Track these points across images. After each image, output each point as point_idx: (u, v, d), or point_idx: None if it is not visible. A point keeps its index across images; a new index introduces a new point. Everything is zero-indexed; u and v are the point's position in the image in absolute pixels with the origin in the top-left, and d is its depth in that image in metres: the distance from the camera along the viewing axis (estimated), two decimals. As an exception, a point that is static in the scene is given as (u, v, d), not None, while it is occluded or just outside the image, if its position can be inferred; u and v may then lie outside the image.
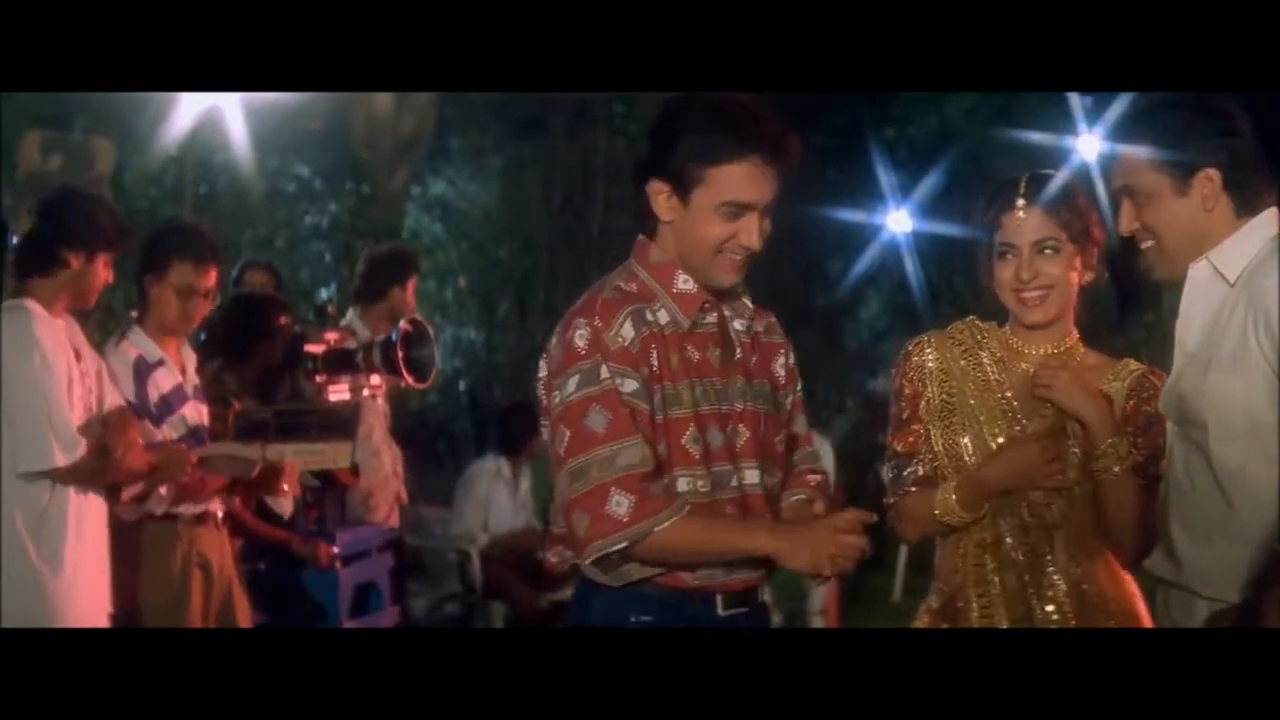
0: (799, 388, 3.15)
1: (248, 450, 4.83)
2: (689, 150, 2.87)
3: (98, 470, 4.28)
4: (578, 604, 2.98)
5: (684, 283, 2.93)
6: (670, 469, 2.87)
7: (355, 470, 5.45)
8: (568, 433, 2.83)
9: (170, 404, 4.75)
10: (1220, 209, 2.95)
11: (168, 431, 4.72)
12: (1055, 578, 3.10)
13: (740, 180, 2.87)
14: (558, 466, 2.86)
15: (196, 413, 4.85)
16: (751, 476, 2.97)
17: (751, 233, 2.90)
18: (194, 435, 4.78)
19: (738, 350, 2.99)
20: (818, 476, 3.14)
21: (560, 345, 2.88)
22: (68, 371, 4.25)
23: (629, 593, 2.88)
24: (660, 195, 2.91)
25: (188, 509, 4.73)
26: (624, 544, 2.80)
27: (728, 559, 2.89)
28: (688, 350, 2.92)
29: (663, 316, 2.91)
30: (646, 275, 2.95)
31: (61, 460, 4.19)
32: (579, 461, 2.82)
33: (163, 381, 4.76)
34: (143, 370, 4.70)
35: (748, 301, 3.05)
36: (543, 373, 2.94)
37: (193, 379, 4.88)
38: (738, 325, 3.01)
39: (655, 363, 2.86)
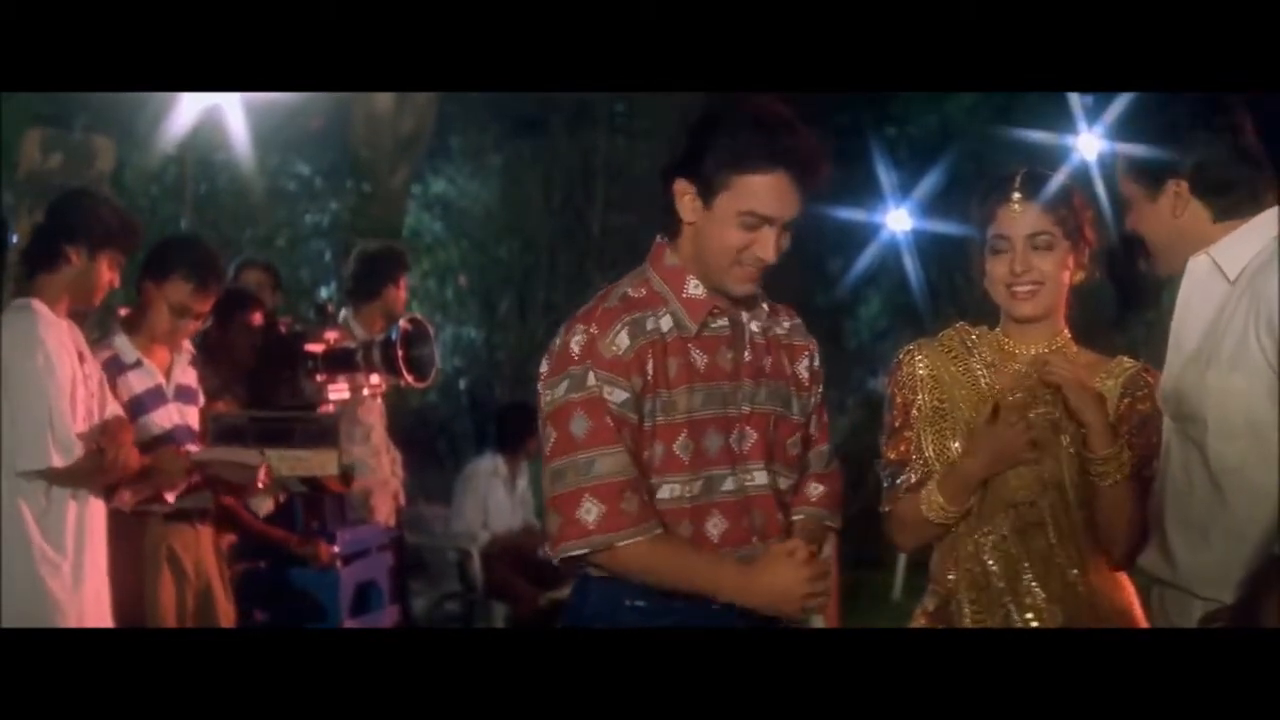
0: (820, 389, 3.15)
1: (248, 455, 4.82)
2: (719, 155, 2.89)
3: (93, 472, 4.27)
4: (576, 594, 3.02)
5: (694, 288, 2.95)
6: (658, 474, 2.90)
7: (345, 478, 5.42)
8: (553, 434, 2.89)
9: (143, 405, 4.75)
10: (1191, 215, 2.99)
11: (137, 431, 4.73)
12: (1033, 585, 3.10)
13: (764, 192, 2.89)
14: (545, 465, 2.93)
15: (180, 415, 4.84)
16: (759, 478, 2.98)
17: (768, 246, 2.92)
18: (168, 438, 4.78)
19: (747, 353, 3.00)
20: (821, 488, 3.13)
21: (559, 347, 2.92)
22: (71, 374, 4.25)
23: (622, 581, 2.90)
24: (685, 196, 2.93)
25: (159, 506, 4.73)
26: (585, 550, 2.86)
27: (685, 592, 2.89)
28: (692, 355, 2.93)
29: (666, 323, 2.92)
30: (658, 280, 2.97)
31: (58, 461, 4.19)
32: (559, 463, 2.88)
33: (136, 383, 4.75)
34: (113, 370, 4.70)
35: (765, 305, 3.05)
36: (544, 370, 2.97)
37: (178, 380, 4.87)
38: (754, 327, 3.02)
39: (651, 370, 2.88)
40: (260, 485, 4.90)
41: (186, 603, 4.81)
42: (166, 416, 4.80)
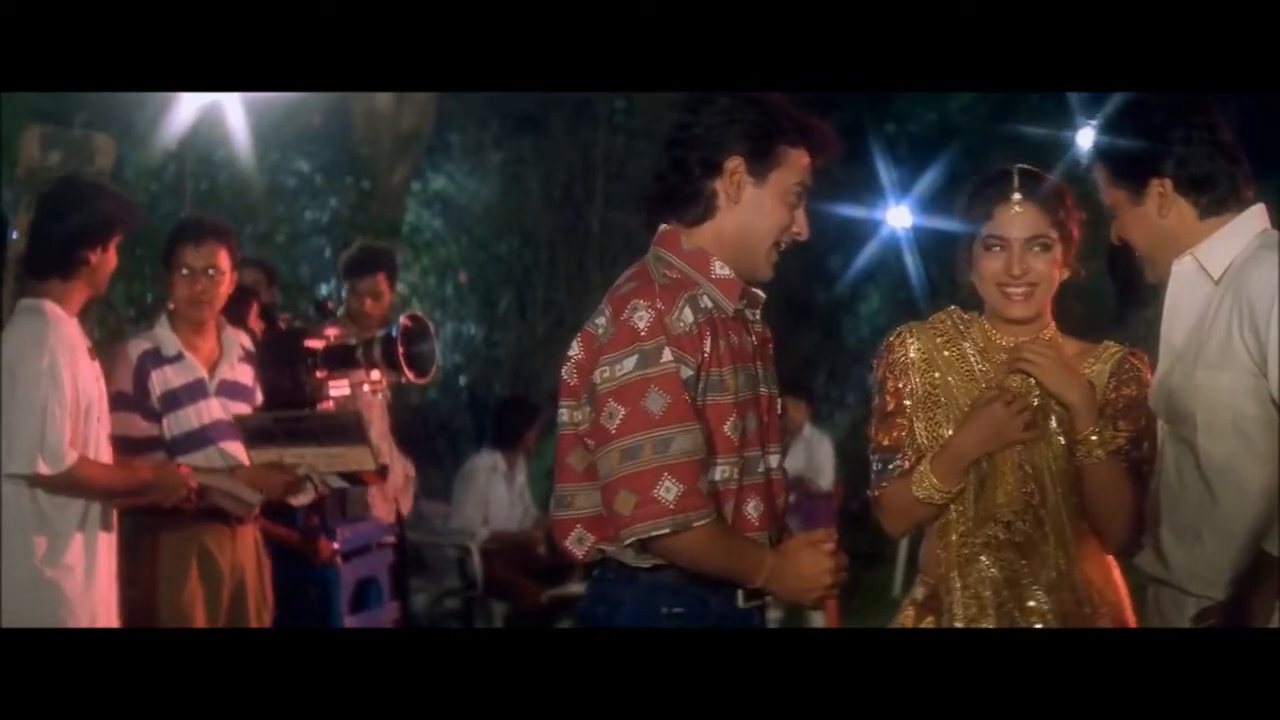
0: None
1: (247, 492, 4.80)
2: (770, 130, 2.90)
3: (79, 484, 4.26)
4: (602, 594, 2.94)
5: (721, 269, 2.94)
6: (711, 455, 2.86)
7: (383, 471, 5.41)
8: (622, 410, 2.79)
9: (177, 399, 4.74)
10: (1177, 213, 3.00)
11: (168, 425, 4.72)
12: (1034, 587, 3.10)
13: (806, 164, 2.95)
14: (604, 444, 2.82)
15: (223, 410, 4.82)
16: (774, 460, 3.01)
17: (804, 223, 2.97)
18: (201, 434, 4.77)
19: (753, 337, 3.01)
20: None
21: (614, 325, 2.84)
22: (83, 373, 4.24)
23: (659, 585, 2.88)
24: (737, 174, 2.91)
25: (187, 505, 4.72)
26: (664, 531, 2.78)
27: (724, 577, 2.89)
28: (730, 335, 2.92)
29: (706, 302, 2.90)
30: (681, 262, 2.93)
31: (44, 469, 4.17)
32: (633, 440, 2.78)
33: (173, 376, 4.74)
34: (148, 363, 4.70)
35: (757, 290, 3.05)
36: (576, 353, 2.91)
37: (225, 376, 4.86)
38: (748, 314, 3.03)
39: (708, 348, 2.85)
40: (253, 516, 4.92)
41: (220, 601, 4.79)
42: (205, 412, 4.78)
